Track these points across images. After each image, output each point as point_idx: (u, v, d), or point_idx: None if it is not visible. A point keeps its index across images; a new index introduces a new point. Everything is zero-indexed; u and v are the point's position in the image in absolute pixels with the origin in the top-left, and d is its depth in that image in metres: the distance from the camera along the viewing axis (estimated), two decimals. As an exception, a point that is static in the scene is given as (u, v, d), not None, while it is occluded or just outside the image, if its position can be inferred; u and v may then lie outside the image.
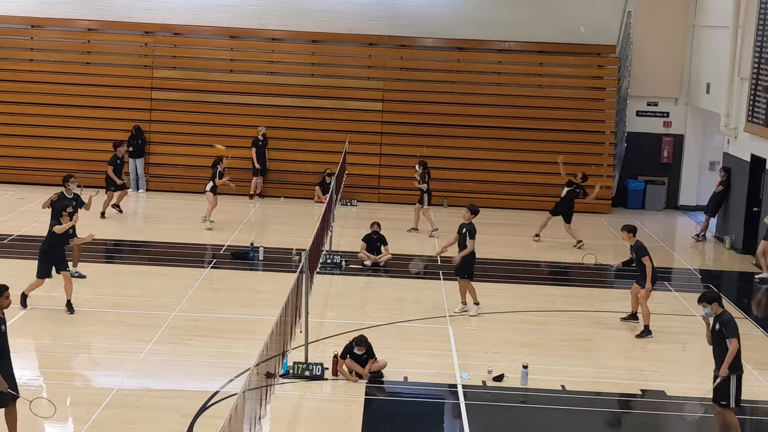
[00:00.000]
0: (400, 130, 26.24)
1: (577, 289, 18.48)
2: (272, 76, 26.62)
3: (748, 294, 19.51)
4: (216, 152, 22.49)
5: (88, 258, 18.57)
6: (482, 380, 13.36)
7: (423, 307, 16.65)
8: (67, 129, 26.04)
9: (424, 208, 22.11)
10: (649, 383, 13.69)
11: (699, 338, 15.71)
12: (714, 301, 11.57)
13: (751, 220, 21.75)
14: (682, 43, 26.64)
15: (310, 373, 13.15)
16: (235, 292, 17.32)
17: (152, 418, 11.76)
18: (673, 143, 26.85)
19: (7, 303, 10.69)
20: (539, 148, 25.87)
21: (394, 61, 26.71)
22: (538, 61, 26.66)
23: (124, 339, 14.53)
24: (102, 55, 26.74)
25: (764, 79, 21.19)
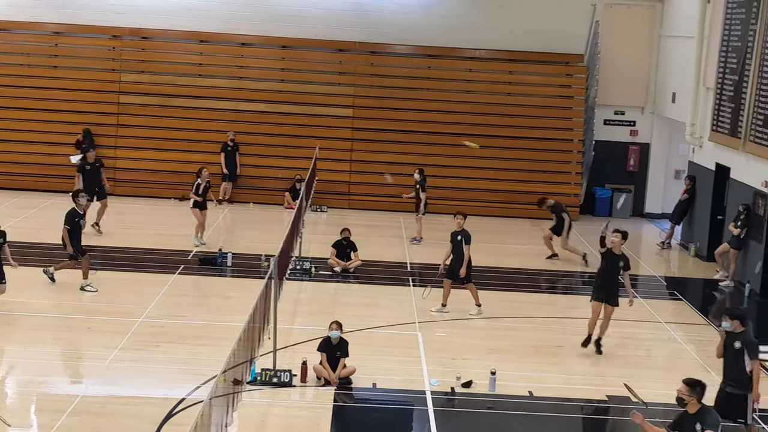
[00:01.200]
0: (371, 136, 26.27)
1: (547, 295, 18.58)
2: (242, 81, 26.55)
3: (712, 301, 19.72)
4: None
5: (53, 262, 18.41)
6: (451, 386, 13.39)
7: (392, 314, 16.66)
8: (33, 133, 25.80)
9: (419, 216, 22.03)
10: (615, 389, 13.79)
11: (663, 344, 15.91)
12: (737, 319, 11.57)
13: (715, 228, 21.99)
14: (648, 53, 26.91)
15: (278, 379, 13.12)
16: (203, 298, 17.24)
17: (117, 425, 11.67)
18: (639, 152, 27.11)
19: None
20: (508, 156, 26.00)
21: (364, 67, 26.74)
22: (507, 69, 26.81)
23: (89, 345, 14.41)
24: (69, 59, 26.53)
25: (729, 88, 21.46)
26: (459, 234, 16.63)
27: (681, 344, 16.08)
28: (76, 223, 17.02)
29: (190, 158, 25.41)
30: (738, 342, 11.51)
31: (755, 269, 19.36)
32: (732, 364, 11.54)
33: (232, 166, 25.19)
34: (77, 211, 17.15)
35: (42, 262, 18.50)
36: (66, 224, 16.96)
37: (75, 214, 17.06)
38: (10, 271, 15.75)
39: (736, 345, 11.51)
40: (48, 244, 19.90)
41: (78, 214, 17.11)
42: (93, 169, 21.14)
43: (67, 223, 16.96)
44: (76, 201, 17.28)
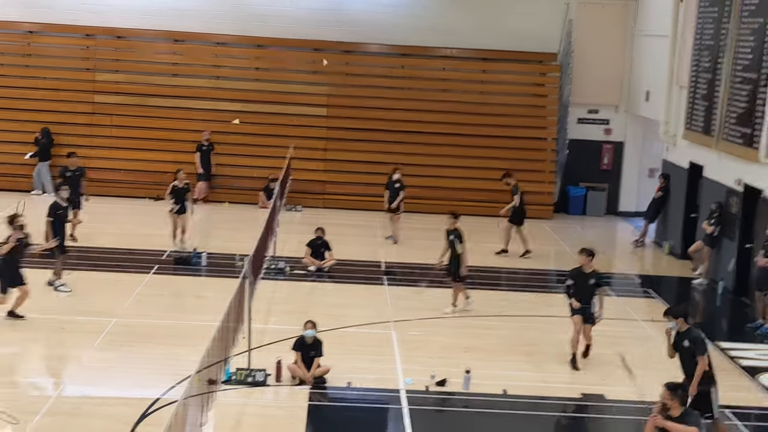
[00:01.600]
0: (345, 135, 26.27)
1: (523, 294, 18.65)
2: (217, 80, 26.47)
3: (686, 299, 19.85)
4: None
5: (26, 264, 18.28)
6: (425, 385, 13.41)
7: (367, 313, 16.67)
8: (5, 132, 25.60)
9: (398, 216, 22.01)
10: (589, 387, 13.87)
11: (638, 342, 16.01)
12: (680, 317, 11.66)
13: (689, 226, 22.16)
14: (622, 52, 27.07)
15: (252, 379, 13.09)
16: (177, 297, 17.18)
17: (91, 426, 11.61)
18: (613, 150, 27.26)
19: None
20: (482, 155, 26.08)
21: (339, 66, 26.73)
22: (481, 68, 26.88)
23: (63, 345, 14.33)
24: (42, 58, 26.36)
25: (702, 87, 21.62)
26: (451, 233, 16.70)
27: (656, 342, 16.16)
28: (59, 215, 16.91)
29: (166, 158, 25.34)
30: (686, 341, 11.60)
31: (728, 267, 19.53)
32: (687, 362, 11.64)
33: (206, 166, 25.10)
34: (59, 203, 17.05)
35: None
36: (48, 216, 16.83)
37: (57, 207, 16.96)
38: None
39: (686, 344, 11.60)
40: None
41: (60, 207, 17.00)
42: (73, 176, 20.35)
43: (50, 215, 16.84)
44: (58, 194, 17.18)
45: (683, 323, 11.66)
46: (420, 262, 20.48)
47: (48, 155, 25.09)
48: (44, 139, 24.97)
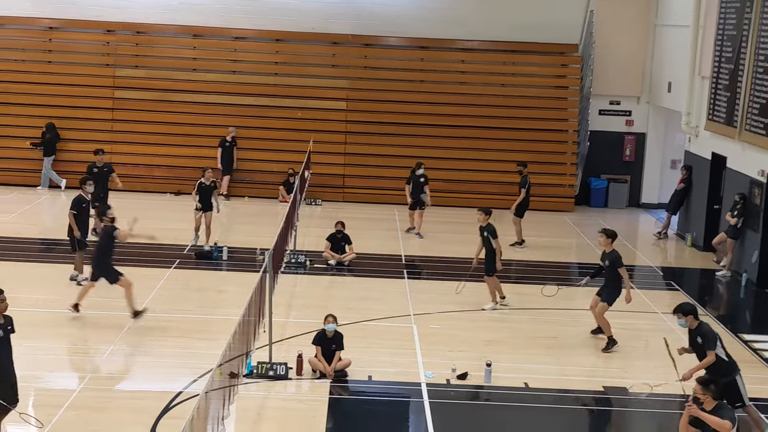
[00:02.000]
0: (365, 129, 26.25)
1: (542, 287, 18.52)
2: (236, 75, 26.51)
3: (709, 291, 19.75)
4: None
5: (50, 258, 18.42)
6: (446, 378, 13.39)
7: (387, 307, 16.65)
8: (28, 129, 25.74)
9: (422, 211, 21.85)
10: (611, 380, 13.80)
11: (660, 335, 15.88)
12: (689, 314, 11.68)
13: (712, 217, 21.99)
14: (644, 43, 26.89)
15: (274, 372, 13.12)
16: (198, 292, 17.24)
17: (115, 420, 11.67)
18: (635, 142, 27.10)
19: (4, 307, 10.61)
20: (503, 147, 25.99)
21: (358, 60, 26.70)
22: (501, 60, 26.78)
23: (86, 340, 14.41)
24: (64, 54, 26.50)
25: (724, 77, 21.44)
26: (484, 230, 16.67)
27: (678, 335, 16.05)
28: (84, 209, 16.93)
29: (186, 152, 25.45)
30: (698, 337, 11.66)
31: (752, 259, 19.37)
32: (702, 357, 11.66)
33: (229, 161, 25.13)
34: (83, 197, 17.07)
35: (35, 258, 18.52)
36: (72, 209, 16.88)
37: (81, 200, 16.99)
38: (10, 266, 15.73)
39: (699, 340, 11.66)
40: (42, 239, 19.91)
41: (84, 200, 17.02)
42: (100, 173, 19.98)
43: (73, 208, 16.89)
44: (83, 187, 17.18)
45: (692, 320, 11.70)
46: (440, 255, 20.47)
47: (53, 150, 25.15)
48: (49, 134, 25.04)
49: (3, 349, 10.55)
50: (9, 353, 10.63)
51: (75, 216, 16.87)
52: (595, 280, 15.55)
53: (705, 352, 11.55)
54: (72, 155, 25.58)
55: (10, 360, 10.63)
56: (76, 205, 16.99)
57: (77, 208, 16.94)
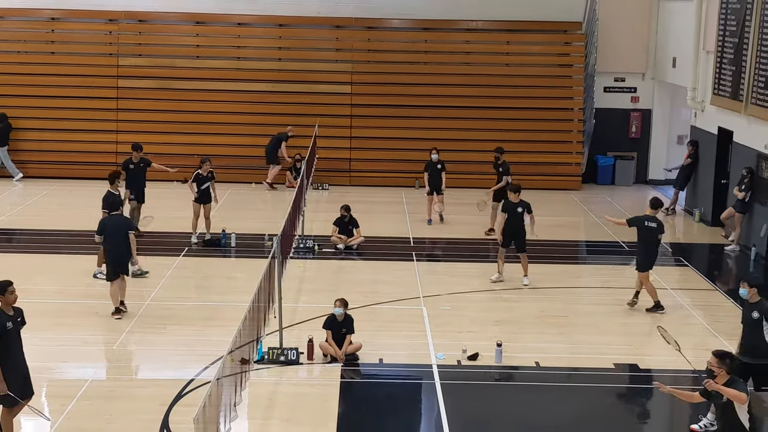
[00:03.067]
0: (370, 112, 26.20)
1: (550, 266, 18.56)
2: (239, 61, 26.47)
3: (718, 266, 19.72)
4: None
5: (54, 249, 18.46)
6: (457, 360, 13.42)
7: (397, 289, 16.68)
8: (33, 120, 25.76)
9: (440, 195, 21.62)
10: (621, 357, 13.82)
11: (671, 311, 15.90)
12: (754, 287, 11.56)
13: (719, 192, 21.94)
14: (647, 18, 26.74)
15: (285, 358, 13.17)
16: (207, 279, 17.28)
17: (127, 408, 11.73)
18: (641, 118, 27.01)
19: (13, 299, 10.66)
20: (509, 127, 25.92)
21: (361, 43, 26.63)
22: (505, 40, 26.68)
23: (96, 329, 14.46)
24: (66, 45, 26.46)
25: (729, 51, 21.33)
26: (518, 206, 16.96)
27: (688, 310, 16.08)
28: (112, 205, 16.53)
29: (191, 140, 25.43)
30: (756, 312, 11.47)
31: (761, 233, 19.32)
32: (750, 333, 11.52)
33: (273, 153, 24.80)
34: (113, 192, 16.86)
35: (46, 249, 18.58)
36: (104, 208, 16.62)
37: (111, 196, 16.80)
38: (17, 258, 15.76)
39: (755, 315, 11.46)
40: (49, 230, 19.96)
41: (114, 196, 16.77)
42: (137, 168, 19.55)
43: (105, 207, 16.63)
44: (114, 183, 16.93)
45: (755, 294, 11.55)
46: (447, 236, 20.48)
47: (5, 140, 24.99)
48: (1, 124, 24.92)
49: (14, 341, 10.59)
50: (20, 345, 10.68)
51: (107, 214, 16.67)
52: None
53: (760, 328, 11.37)
54: (78, 146, 25.60)
55: (21, 352, 10.68)
56: (106, 202, 16.67)
57: (108, 206, 16.60)
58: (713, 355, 9.66)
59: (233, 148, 25.65)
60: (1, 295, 10.59)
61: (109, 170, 18.09)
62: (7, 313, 10.58)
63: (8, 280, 10.70)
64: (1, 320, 10.48)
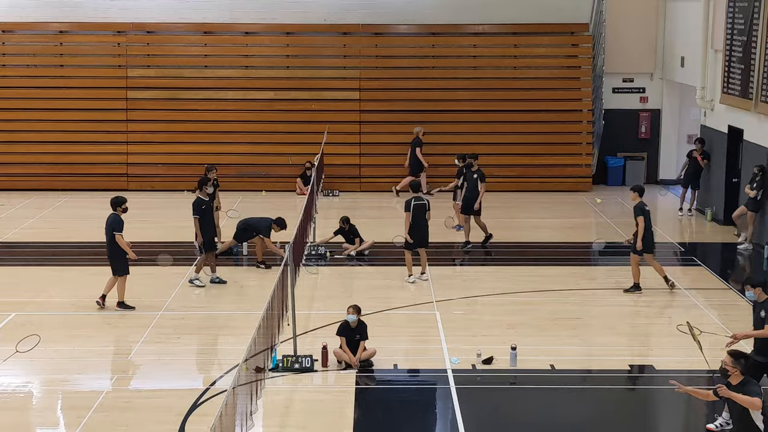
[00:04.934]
0: (379, 118, 26.22)
1: (563, 268, 18.53)
2: (247, 70, 26.52)
3: (731, 265, 19.65)
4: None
5: (67, 261, 18.51)
6: (472, 364, 13.40)
7: (410, 294, 16.67)
8: (43, 133, 25.86)
9: (456, 203, 21.40)
10: (636, 358, 13.77)
11: (684, 311, 15.85)
12: (759, 286, 11.50)
13: (731, 191, 21.86)
14: (654, 18, 26.70)
15: (299, 365, 13.16)
16: (220, 288, 17.29)
17: (143, 419, 11.74)
18: (650, 118, 26.95)
19: None
20: (518, 130, 25.90)
21: (369, 49, 26.66)
22: (512, 43, 26.67)
23: (111, 340, 14.49)
24: (75, 57, 26.57)
25: (737, 50, 21.28)
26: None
27: (702, 310, 16.03)
28: (204, 211, 16.89)
29: (201, 150, 25.48)
30: (764, 311, 11.42)
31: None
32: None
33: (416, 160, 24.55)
34: (202, 198, 17.02)
35: (59, 261, 18.63)
36: (195, 214, 16.87)
37: (201, 202, 16.96)
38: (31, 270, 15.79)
39: (762, 314, 11.42)
40: (62, 243, 20.02)
41: (203, 201, 16.96)
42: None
43: (195, 213, 16.87)
44: (203, 189, 17.15)
45: (762, 293, 11.49)
46: (459, 240, 20.46)
47: None
48: None
49: None
50: None
51: (199, 220, 16.81)
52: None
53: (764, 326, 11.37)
54: (88, 157, 25.68)
55: None
56: (197, 209, 16.88)
57: (198, 212, 16.83)
58: (728, 355, 9.62)
59: (243, 157, 25.71)
60: None
61: (119, 182, 18.18)
62: None
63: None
64: None
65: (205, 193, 17.24)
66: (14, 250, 19.56)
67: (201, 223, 16.93)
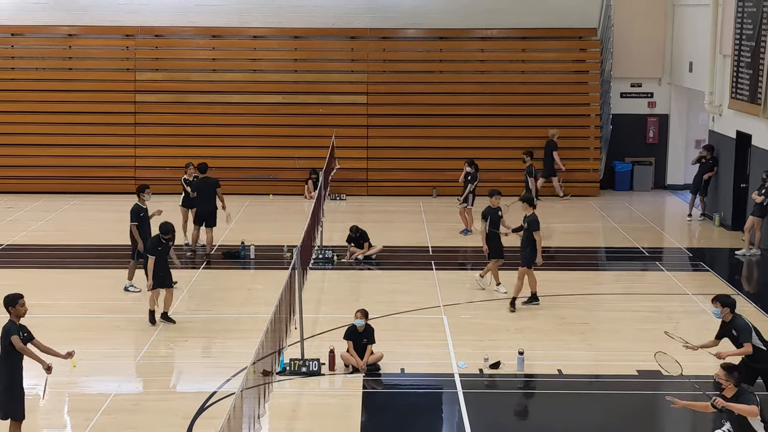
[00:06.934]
0: (386, 122, 26.23)
1: (570, 272, 18.52)
2: (255, 73, 26.57)
3: (738, 270, 19.60)
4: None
5: (75, 264, 18.54)
6: (479, 368, 13.39)
7: (417, 299, 16.66)
8: (52, 136, 25.93)
9: (469, 208, 21.42)
10: (644, 364, 13.74)
11: (692, 316, 15.83)
12: (726, 306, 11.75)
13: (739, 196, 21.82)
14: (663, 23, 26.68)
15: (307, 369, 13.17)
16: (228, 291, 17.31)
17: (151, 422, 11.77)
18: (658, 123, 26.92)
19: (24, 311, 10.74)
20: (525, 135, 25.87)
21: (376, 53, 26.68)
22: (520, 48, 26.67)
23: (118, 343, 14.52)
24: (84, 60, 26.64)
25: (746, 55, 21.24)
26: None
27: (710, 315, 15.94)
28: (142, 218, 16.89)
29: (209, 153, 25.44)
30: (733, 330, 11.74)
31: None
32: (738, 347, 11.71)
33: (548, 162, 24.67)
34: (140, 205, 16.98)
35: (65, 264, 18.67)
36: (133, 221, 16.79)
37: (140, 209, 16.93)
38: (39, 273, 15.86)
39: (734, 333, 11.73)
40: (69, 246, 20.06)
41: (142, 209, 16.94)
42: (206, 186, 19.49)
43: (133, 220, 16.80)
44: (141, 196, 17.08)
45: (728, 313, 11.80)
46: (465, 245, 20.46)
47: None
48: None
49: (20, 355, 10.66)
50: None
51: (137, 227, 16.72)
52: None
53: (740, 344, 11.59)
54: (97, 161, 25.74)
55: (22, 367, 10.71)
56: (135, 215, 16.79)
57: (137, 219, 16.75)
58: (721, 368, 9.63)
59: (250, 161, 25.76)
60: (12, 307, 10.68)
61: (127, 184, 18.20)
62: (17, 324, 10.65)
63: (19, 293, 10.77)
64: (13, 331, 10.55)
65: (143, 200, 17.04)
66: (22, 253, 19.61)
67: (140, 230, 16.76)
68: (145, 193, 17.13)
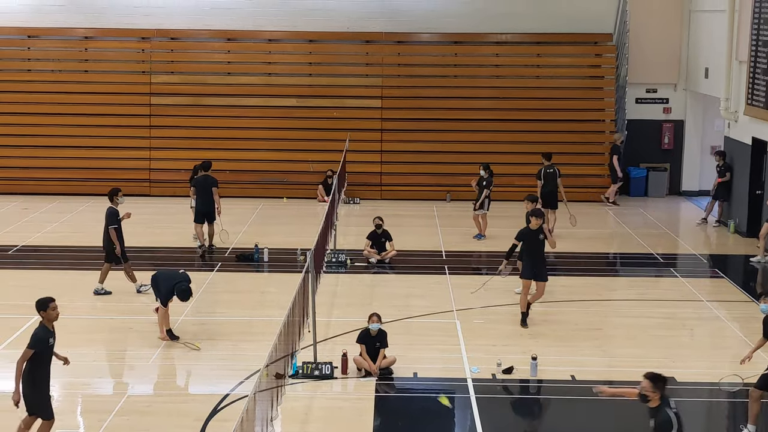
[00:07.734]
0: (400, 126, 26.24)
1: (584, 278, 18.46)
2: (270, 77, 26.62)
3: (753, 277, 19.49)
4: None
5: (89, 265, 18.58)
6: (492, 373, 13.36)
7: (430, 303, 16.64)
8: (67, 138, 26.06)
9: (485, 212, 21.34)
10: (658, 370, 13.62)
11: (706, 323, 15.75)
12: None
13: (754, 203, 21.71)
14: (678, 29, 26.59)
15: (319, 372, 13.17)
16: (241, 294, 17.33)
17: (163, 423, 11.78)
18: (673, 129, 26.83)
19: (55, 315, 10.77)
20: (540, 140, 25.81)
21: (391, 57, 26.70)
22: (535, 53, 26.64)
23: (131, 345, 14.55)
24: (100, 63, 26.76)
25: (762, 61, 21.15)
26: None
27: (724, 322, 15.91)
28: (119, 221, 16.85)
29: (223, 156, 25.56)
30: None
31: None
32: None
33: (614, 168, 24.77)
34: (114, 209, 16.97)
35: (79, 265, 18.72)
36: (112, 224, 16.73)
37: (116, 212, 16.87)
38: (53, 274, 15.85)
39: None
40: (83, 247, 20.12)
41: (117, 212, 16.91)
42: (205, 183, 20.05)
43: (113, 223, 16.73)
44: (114, 199, 17.06)
45: None
46: (479, 249, 20.43)
47: None
48: None
49: (50, 358, 10.72)
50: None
51: (116, 230, 16.72)
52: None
53: None
54: (112, 162, 25.84)
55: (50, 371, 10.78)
56: (114, 219, 16.73)
57: (115, 222, 16.73)
58: (645, 379, 9.29)
59: (265, 164, 25.81)
60: (43, 311, 10.72)
61: (142, 187, 18.24)
62: (49, 329, 10.70)
63: (50, 297, 10.82)
64: (45, 336, 10.60)
65: (116, 203, 16.96)
66: (37, 254, 19.69)
67: (117, 234, 16.74)
68: (118, 196, 17.12)
